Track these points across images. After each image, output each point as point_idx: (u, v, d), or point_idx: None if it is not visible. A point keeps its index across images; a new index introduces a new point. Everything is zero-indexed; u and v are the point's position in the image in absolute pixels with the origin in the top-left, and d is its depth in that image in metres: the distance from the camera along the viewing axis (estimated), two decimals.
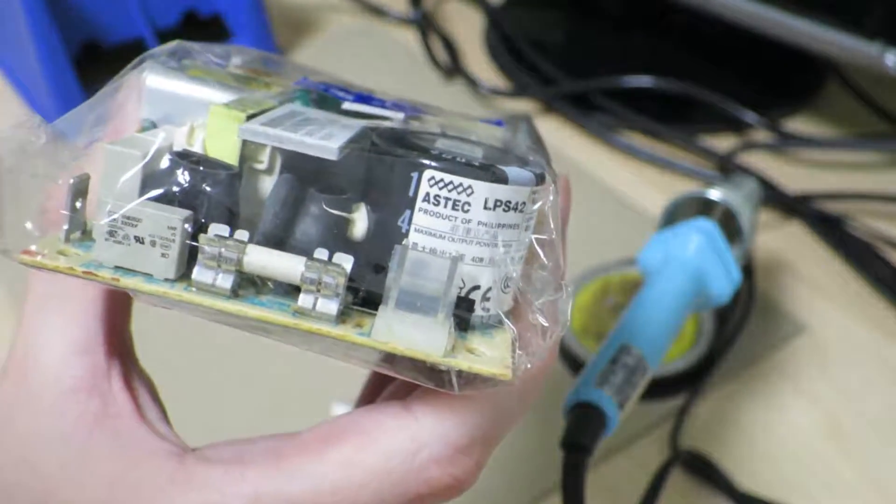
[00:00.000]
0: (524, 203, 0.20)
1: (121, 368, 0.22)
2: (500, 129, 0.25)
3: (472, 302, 0.20)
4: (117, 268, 0.19)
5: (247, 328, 0.19)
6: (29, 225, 0.20)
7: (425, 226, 0.19)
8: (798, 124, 0.60)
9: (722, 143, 0.58)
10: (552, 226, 0.21)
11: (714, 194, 0.42)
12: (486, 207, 0.19)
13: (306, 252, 0.19)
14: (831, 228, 0.52)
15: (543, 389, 0.22)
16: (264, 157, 0.20)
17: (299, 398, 0.40)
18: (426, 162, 0.19)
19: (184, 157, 0.19)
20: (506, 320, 0.20)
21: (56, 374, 0.21)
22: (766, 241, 0.51)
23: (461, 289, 0.19)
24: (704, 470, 0.38)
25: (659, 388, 0.40)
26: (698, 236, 0.39)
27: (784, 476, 0.39)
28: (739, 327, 0.44)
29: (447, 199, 0.19)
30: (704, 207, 0.42)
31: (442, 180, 0.19)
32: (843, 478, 0.39)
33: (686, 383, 0.41)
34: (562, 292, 0.20)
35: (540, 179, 0.20)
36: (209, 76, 0.22)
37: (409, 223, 0.19)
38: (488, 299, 0.20)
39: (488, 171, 0.19)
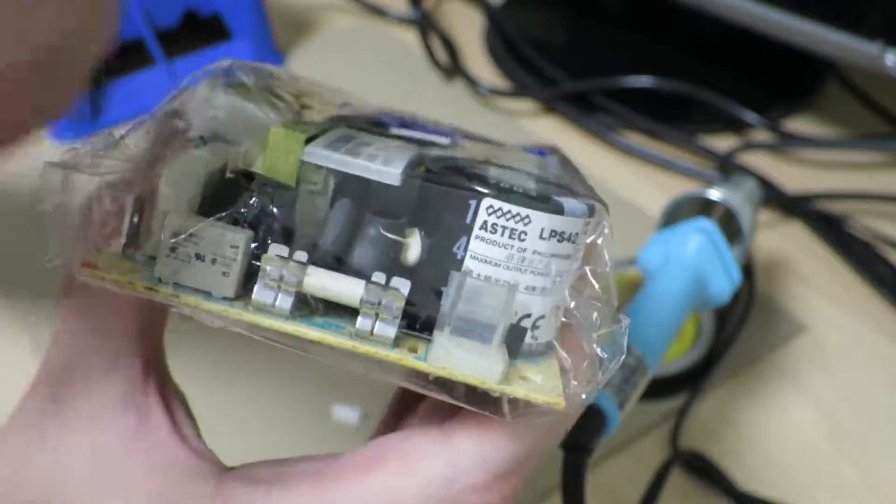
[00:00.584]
0: (577, 234, 0.20)
1: (156, 382, 0.22)
2: (538, 158, 0.25)
3: (524, 330, 0.20)
4: (177, 285, 0.19)
5: (295, 346, 0.19)
6: (85, 238, 0.20)
7: (481, 253, 0.19)
8: (798, 124, 0.60)
9: (722, 143, 0.58)
10: (606, 258, 0.21)
11: (714, 194, 0.42)
12: (541, 237, 0.19)
13: (362, 275, 0.19)
14: (831, 228, 0.52)
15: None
16: (319, 178, 0.20)
17: (300, 399, 0.40)
18: (485, 191, 0.19)
19: (245, 177, 0.20)
20: (558, 349, 0.20)
21: (91, 389, 0.21)
22: (766, 241, 0.51)
23: (513, 316, 0.20)
24: (704, 470, 0.38)
25: (659, 388, 0.40)
26: (698, 236, 0.39)
27: (784, 476, 0.39)
28: (739, 327, 0.44)
29: (504, 227, 0.19)
30: (704, 207, 0.42)
31: (500, 209, 0.19)
32: (843, 477, 0.39)
33: (686, 383, 0.41)
34: (619, 324, 0.20)
35: (592, 211, 0.21)
36: (259, 95, 0.23)
37: (466, 250, 0.20)
38: (538, 327, 0.20)
39: (546, 202, 0.19)
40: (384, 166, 0.19)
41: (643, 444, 0.39)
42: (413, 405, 0.24)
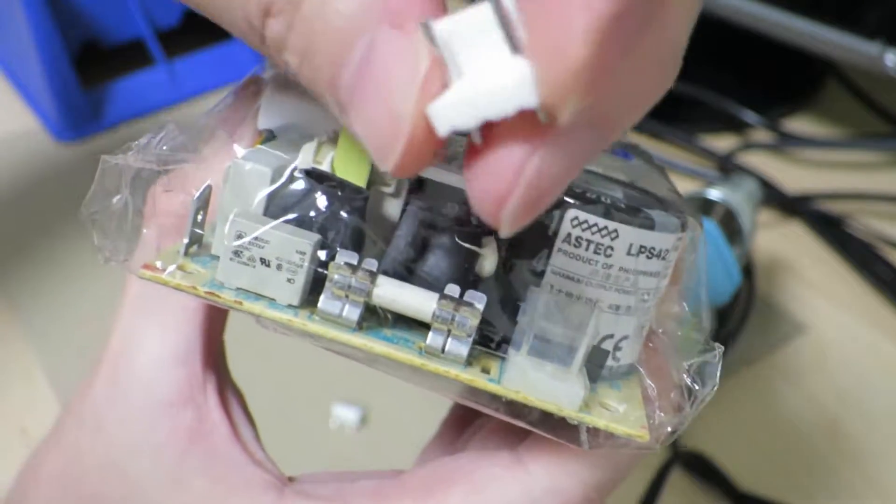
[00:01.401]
0: (668, 250, 0.19)
1: (216, 382, 0.21)
2: (623, 162, 0.23)
3: (606, 353, 0.18)
4: (239, 290, 0.18)
5: (361, 359, 0.18)
6: (147, 235, 0.19)
7: (563, 268, 0.18)
8: (798, 124, 0.60)
9: (722, 143, 0.58)
10: (699, 275, 0.20)
11: (714, 194, 0.42)
12: (629, 253, 0.18)
13: (433, 286, 0.18)
14: (831, 228, 0.52)
15: None
16: (392, 180, 0.19)
17: (301, 399, 0.40)
18: (570, 200, 0.18)
19: (317, 178, 0.18)
20: (644, 376, 0.19)
21: (151, 381, 0.20)
22: (766, 241, 0.50)
23: (595, 337, 0.18)
24: (704, 470, 0.38)
25: None
26: None
27: (784, 476, 0.39)
28: (739, 327, 0.44)
29: (590, 241, 0.18)
30: (704, 207, 0.42)
31: (586, 221, 0.18)
32: (843, 478, 0.39)
33: None
34: (713, 353, 0.18)
35: (684, 226, 0.19)
36: None
37: (547, 264, 0.18)
38: (620, 349, 0.19)
39: (636, 215, 0.18)
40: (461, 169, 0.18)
41: None
42: (471, 421, 0.23)
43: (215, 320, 0.22)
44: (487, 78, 0.13)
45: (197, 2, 0.15)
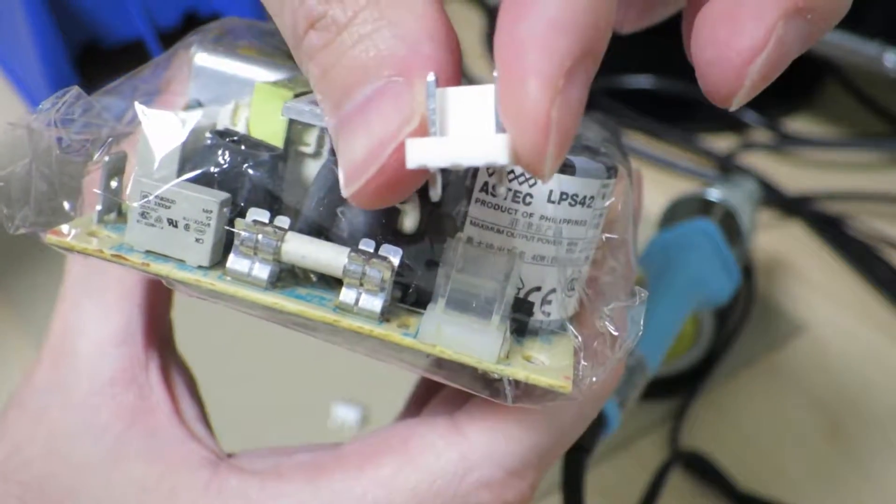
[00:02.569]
0: (593, 198, 0.18)
1: (159, 360, 0.21)
2: None
3: (531, 304, 0.18)
4: (149, 252, 0.17)
5: (287, 323, 0.18)
6: (66, 205, 0.18)
7: (482, 218, 0.17)
8: (798, 124, 0.60)
9: (722, 143, 0.58)
10: (625, 225, 0.19)
11: (714, 194, 0.42)
12: (549, 200, 0.17)
13: (348, 242, 0.17)
14: (831, 228, 0.52)
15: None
16: (312, 139, 0.18)
17: (299, 398, 0.40)
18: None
19: (225, 136, 0.18)
20: (569, 327, 0.18)
21: (92, 364, 0.20)
22: (766, 241, 0.50)
23: (520, 289, 0.18)
24: (704, 470, 0.38)
25: (659, 388, 0.40)
26: (698, 237, 0.39)
27: (784, 476, 0.39)
28: (739, 327, 0.44)
29: (507, 189, 0.17)
30: (704, 207, 0.42)
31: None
32: (843, 478, 0.39)
33: (686, 383, 0.41)
34: (634, 298, 0.18)
35: (612, 172, 0.18)
36: (260, 55, 0.20)
37: (465, 215, 0.17)
38: (549, 302, 0.18)
39: None
40: None
41: (643, 444, 0.39)
42: (436, 395, 0.23)
43: (158, 299, 0.22)
44: (467, 138, 0.14)
45: None
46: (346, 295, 0.17)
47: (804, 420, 0.41)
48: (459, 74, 0.15)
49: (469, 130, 0.14)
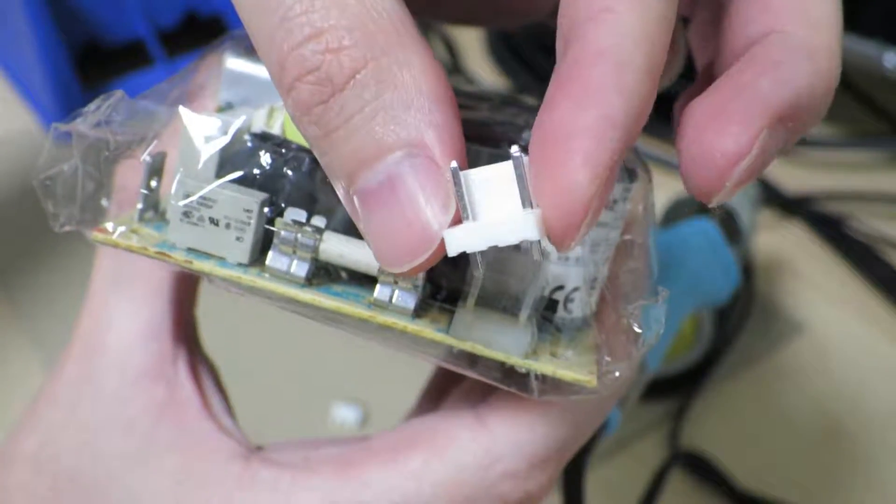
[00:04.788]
0: (615, 201, 0.19)
1: (187, 355, 0.21)
2: None
3: (556, 303, 0.19)
4: (190, 250, 0.18)
5: (318, 318, 0.18)
6: (105, 202, 0.19)
7: None
8: None
9: None
10: (645, 227, 0.20)
11: None
12: None
13: None
14: (831, 228, 0.52)
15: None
16: None
17: (299, 397, 0.40)
18: (513, 152, 0.18)
19: (264, 140, 0.19)
20: (593, 323, 0.19)
21: (122, 358, 0.21)
22: (766, 241, 0.50)
23: (545, 288, 0.19)
24: (704, 470, 0.38)
25: (659, 388, 0.40)
26: (698, 236, 0.39)
27: (784, 476, 0.39)
28: (739, 327, 0.44)
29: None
30: (704, 207, 0.42)
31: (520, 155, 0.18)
32: (843, 478, 0.39)
33: (686, 383, 0.41)
34: (656, 297, 0.19)
35: (633, 176, 0.19)
36: None
37: None
38: (572, 300, 0.19)
39: None
40: None
41: (643, 444, 0.39)
42: (451, 387, 0.23)
43: (185, 294, 0.22)
44: (499, 219, 0.15)
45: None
46: (381, 292, 0.18)
47: (804, 420, 0.41)
48: (462, 133, 0.15)
49: (498, 212, 0.15)
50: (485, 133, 0.20)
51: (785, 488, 0.38)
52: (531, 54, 0.63)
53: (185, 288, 0.22)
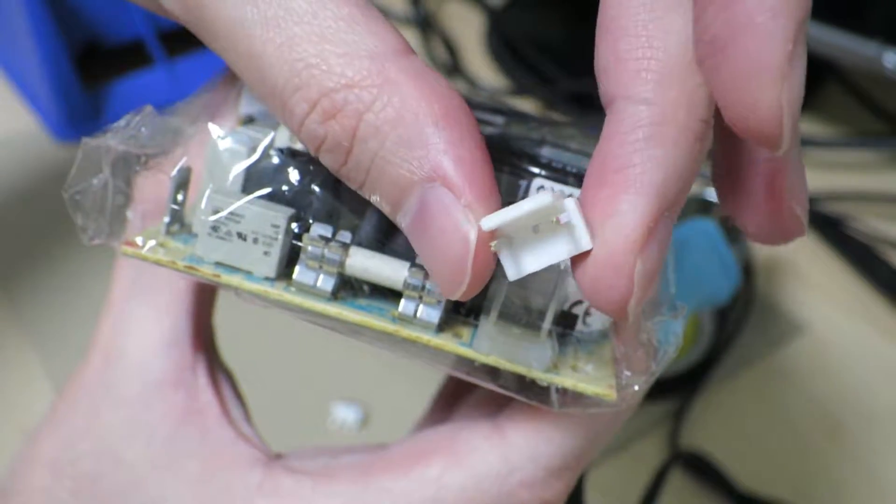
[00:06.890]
0: None
1: (206, 363, 0.22)
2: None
3: (575, 317, 0.19)
4: (218, 264, 0.18)
5: (341, 330, 0.19)
6: (130, 215, 0.19)
7: None
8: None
9: None
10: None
11: (714, 194, 0.42)
12: None
13: (408, 257, 0.18)
14: (831, 228, 0.52)
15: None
16: None
17: (299, 398, 0.40)
18: (536, 171, 0.18)
19: (291, 155, 0.19)
20: (612, 337, 0.19)
21: (143, 365, 0.21)
22: None
23: (565, 302, 0.19)
24: (704, 470, 0.38)
25: (659, 388, 0.40)
26: (698, 236, 0.39)
27: (784, 476, 0.39)
28: (739, 327, 0.44)
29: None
30: (704, 207, 0.42)
31: (552, 189, 0.18)
32: (843, 478, 0.39)
33: (686, 383, 0.41)
34: (675, 311, 0.19)
35: None
36: None
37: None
38: (590, 314, 0.19)
39: None
40: None
41: (643, 444, 0.39)
42: (462, 395, 0.24)
43: (204, 303, 0.22)
44: (551, 244, 0.16)
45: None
46: (406, 307, 0.18)
47: (804, 420, 0.41)
48: (480, 140, 0.16)
49: (548, 246, 0.16)
50: (503, 147, 0.20)
51: (785, 488, 0.38)
52: (531, 54, 0.63)
53: (204, 296, 0.22)
